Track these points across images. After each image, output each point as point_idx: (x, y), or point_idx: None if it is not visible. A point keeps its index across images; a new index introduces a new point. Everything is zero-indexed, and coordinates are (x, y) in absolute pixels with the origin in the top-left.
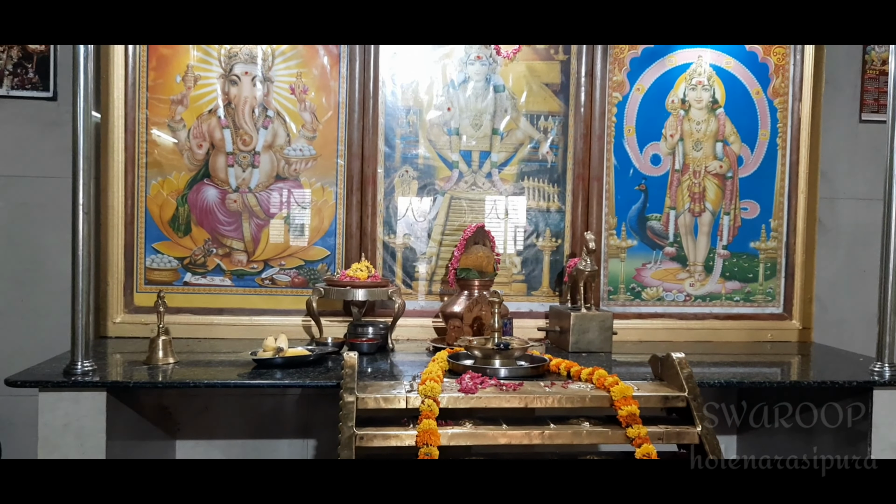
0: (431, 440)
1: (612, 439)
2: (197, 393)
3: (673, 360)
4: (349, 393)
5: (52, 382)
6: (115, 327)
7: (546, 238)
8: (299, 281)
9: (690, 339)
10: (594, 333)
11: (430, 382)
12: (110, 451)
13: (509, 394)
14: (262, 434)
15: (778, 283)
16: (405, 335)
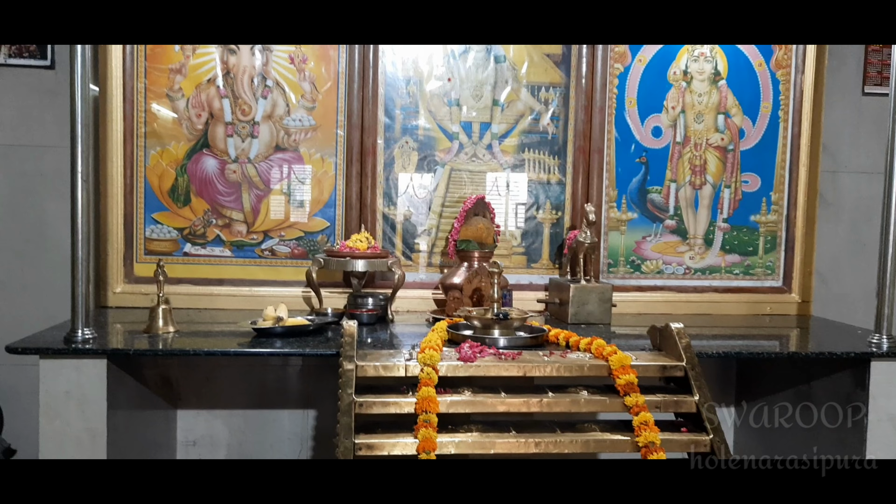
0: (430, 407)
1: (609, 407)
2: (198, 363)
3: (671, 331)
4: (349, 361)
5: (52, 350)
6: (115, 297)
7: (546, 210)
8: (299, 252)
9: (690, 312)
10: (593, 305)
11: (429, 351)
12: (111, 420)
13: (508, 363)
14: (263, 404)
15: (778, 257)
16: (405, 307)
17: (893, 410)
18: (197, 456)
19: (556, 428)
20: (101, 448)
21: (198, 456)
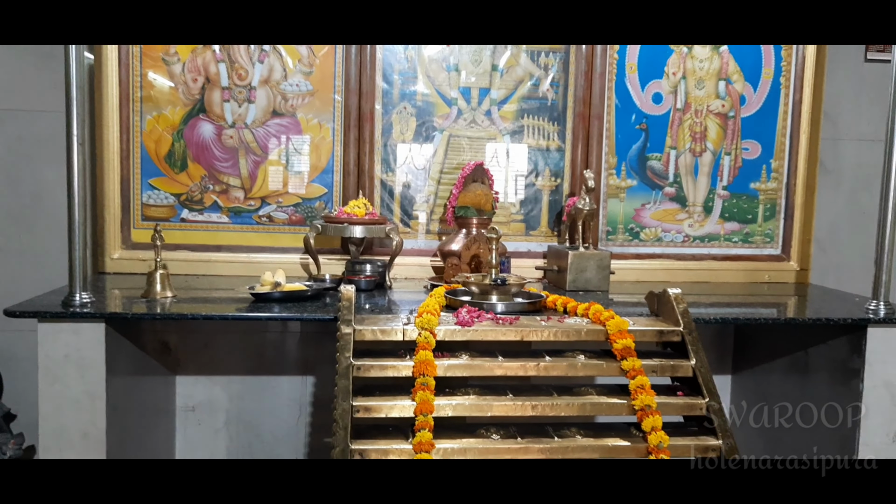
0: (428, 370)
1: (606, 372)
2: (196, 329)
3: (669, 296)
4: (346, 325)
5: (50, 313)
6: (113, 263)
7: (545, 177)
8: (297, 219)
9: (688, 280)
10: (592, 272)
11: (426, 315)
12: (110, 383)
13: (505, 327)
14: (261, 370)
15: (777, 225)
16: (403, 274)
17: (889, 376)
18: (196, 422)
19: (552, 391)
20: (100, 411)
21: (197, 422)
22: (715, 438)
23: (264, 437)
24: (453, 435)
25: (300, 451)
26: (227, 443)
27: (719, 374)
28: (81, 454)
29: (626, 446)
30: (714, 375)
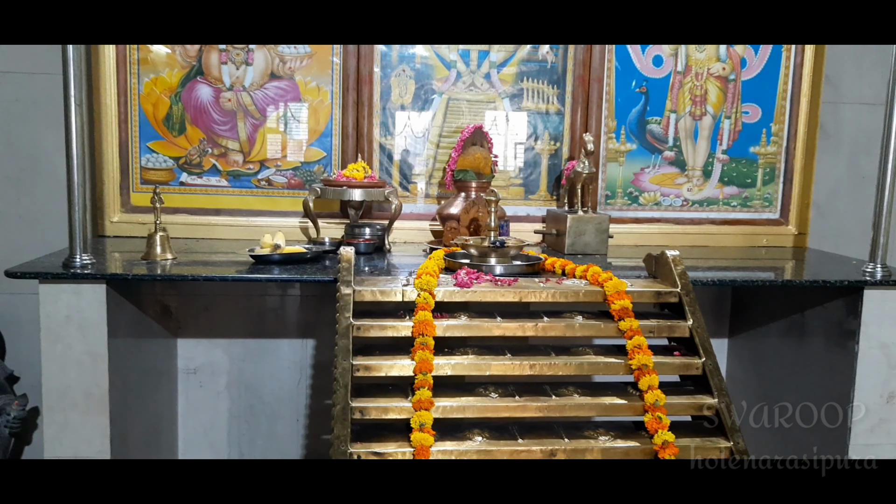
0: (427, 330)
1: (604, 332)
2: (197, 292)
3: (667, 258)
4: (346, 286)
5: (51, 274)
6: (112, 227)
7: (545, 141)
8: (296, 182)
9: (686, 244)
10: (590, 236)
11: (425, 276)
12: (112, 344)
13: (504, 289)
14: (262, 334)
15: (776, 189)
16: (402, 238)
17: (884, 338)
18: (198, 384)
19: (550, 351)
20: (102, 371)
21: (199, 384)
22: (711, 397)
23: (265, 400)
24: (452, 393)
25: (301, 412)
26: (229, 405)
27: (716, 338)
28: (84, 414)
29: (622, 405)
30: (711, 339)
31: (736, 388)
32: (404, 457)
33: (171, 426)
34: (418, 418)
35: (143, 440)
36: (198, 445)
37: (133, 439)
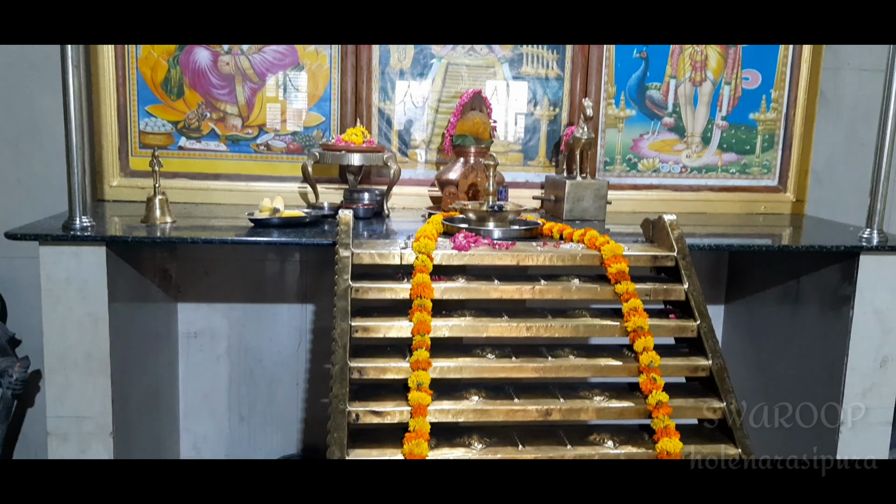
0: (425, 293)
1: (600, 295)
2: (196, 257)
3: (664, 222)
4: (344, 248)
5: (51, 236)
6: (112, 191)
7: (544, 107)
8: (294, 147)
9: (684, 211)
10: (588, 202)
11: (423, 239)
12: (112, 306)
13: (502, 252)
14: (262, 299)
15: (775, 156)
16: (401, 203)
17: (879, 304)
18: (198, 348)
19: (547, 314)
20: (103, 333)
21: (199, 348)
22: (705, 359)
23: (265, 364)
24: (449, 354)
25: (301, 377)
26: (229, 369)
27: (713, 305)
28: (85, 375)
29: (617, 366)
30: (707, 305)
31: (731, 354)
32: (402, 416)
33: (171, 389)
34: (416, 378)
35: (144, 402)
36: (198, 409)
37: (134, 401)
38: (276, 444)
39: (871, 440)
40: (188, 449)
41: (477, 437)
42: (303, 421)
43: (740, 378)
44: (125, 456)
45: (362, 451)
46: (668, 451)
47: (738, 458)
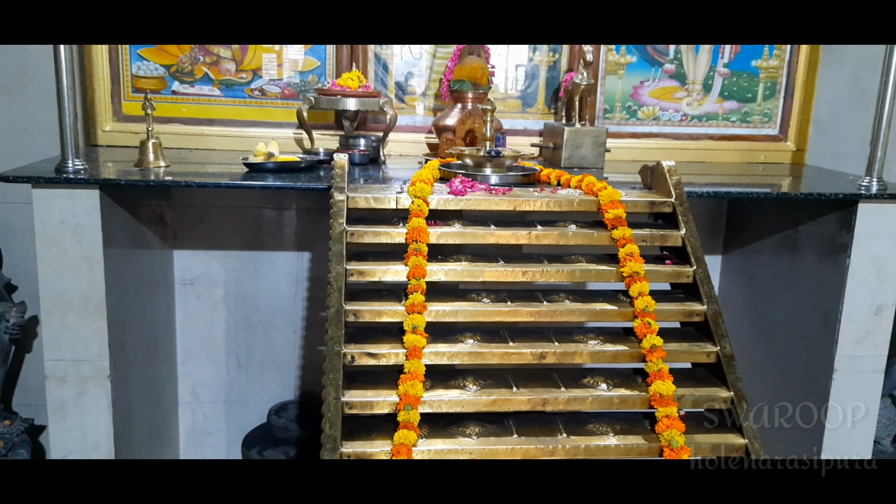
0: (421, 237)
1: (597, 241)
2: (192, 203)
3: (662, 168)
4: (339, 192)
5: (44, 178)
6: (105, 136)
7: (543, 52)
8: (289, 92)
9: (684, 160)
10: (587, 149)
11: (419, 184)
12: (108, 250)
13: (498, 197)
14: (258, 246)
15: (776, 104)
16: (398, 150)
17: (876, 251)
18: (195, 295)
19: (543, 259)
20: (98, 276)
21: (196, 295)
22: (700, 304)
23: (262, 311)
24: (445, 299)
25: (297, 324)
26: (226, 315)
27: (710, 255)
28: (82, 318)
29: (612, 310)
30: (705, 256)
31: (728, 303)
32: (398, 358)
33: (169, 335)
34: (411, 321)
35: (142, 347)
36: (196, 355)
37: (131, 345)
38: (273, 390)
39: (863, 388)
40: (186, 394)
41: (472, 378)
42: (300, 368)
43: (736, 327)
44: (123, 399)
45: (357, 391)
46: (661, 393)
47: (731, 401)
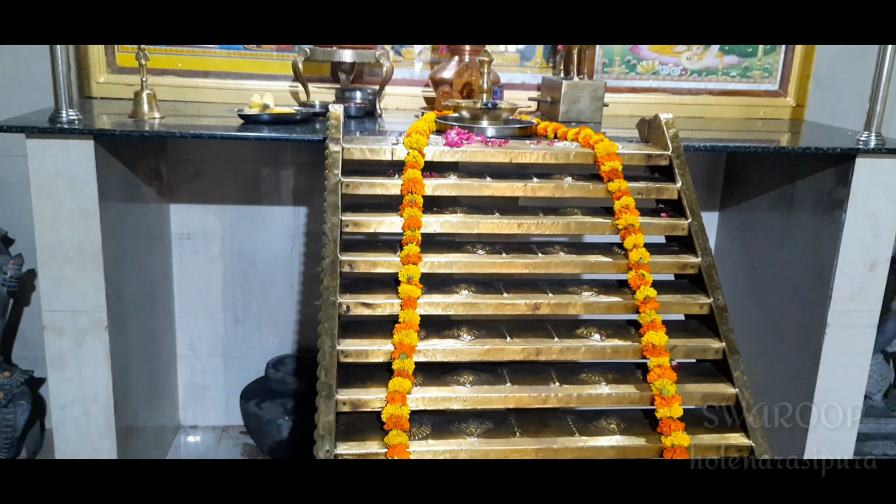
0: (416, 188)
1: (592, 193)
2: (188, 157)
3: (660, 121)
4: (335, 143)
5: (38, 128)
6: (99, 88)
7: None
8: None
9: (683, 115)
10: (585, 103)
11: (415, 135)
12: (103, 202)
13: (495, 149)
14: (254, 201)
15: (777, 59)
16: (394, 104)
17: (872, 207)
18: (192, 250)
19: (538, 212)
20: (94, 228)
21: (193, 250)
22: (694, 256)
23: (259, 266)
24: (440, 250)
25: (294, 279)
26: (223, 270)
27: (707, 211)
28: (78, 270)
29: (607, 262)
30: (702, 212)
31: (724, 260)
32: (393, 308)
33: (166, 290)
34: (406, 272)
35: (139, 300)
36: (193, 309)
37: (129, 298)
38: (271, 344)
39: (856, 343)
40: (185, 348)
41: (466, 329)
42: (297, 322)
43: (731, 283)
44: (122, 351)
45: (353, 340)
46: (653, 343)
47: (723, 351)
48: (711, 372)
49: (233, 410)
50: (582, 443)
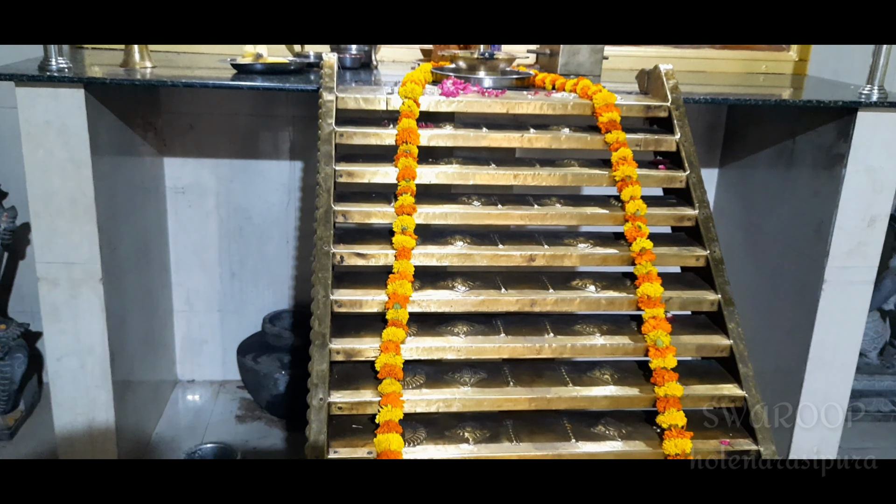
0: (411, 138)
1: (590, 144)
2: (181, 110)
3: (659, 72)
4: (328, 92)
5: (27, 76)
6: None
7: None
8: None
9: (684, 69)
10: (584, 55)
11: (410, 84)
12: (95, 152)
13: (491, 100)
14: (248, 155)
15: None
16: (390, 56)
17: (872, 161)
18: (187, 204)
19: (535, 163)
20: (87, 179)
21: (188, 204)
22: (692, 209)
23: (254, 221)
24: (435, 201)
25: (290, 234)
26: (218, 225)
27: (707, 168)
28: (72, 221)
29: (603, 214)
30: (702, 169)
31: (722, 216)
32: (387, 259)
33: (161, 243)
34: (401, 222)
35: (134, 253)
36: (189, 264)
37: (123, 251)
38: (267, 300)
39: (852, 299)
40: (181, 303)
41: (461, 280)
42: (293, 278)
43: (729, 238)
44: (117, 304)
45: (346, 290)
46: (648, 295)
47: (718, 303)
48: (706, 324)
49: (230, 365)
50: (576, 392)
